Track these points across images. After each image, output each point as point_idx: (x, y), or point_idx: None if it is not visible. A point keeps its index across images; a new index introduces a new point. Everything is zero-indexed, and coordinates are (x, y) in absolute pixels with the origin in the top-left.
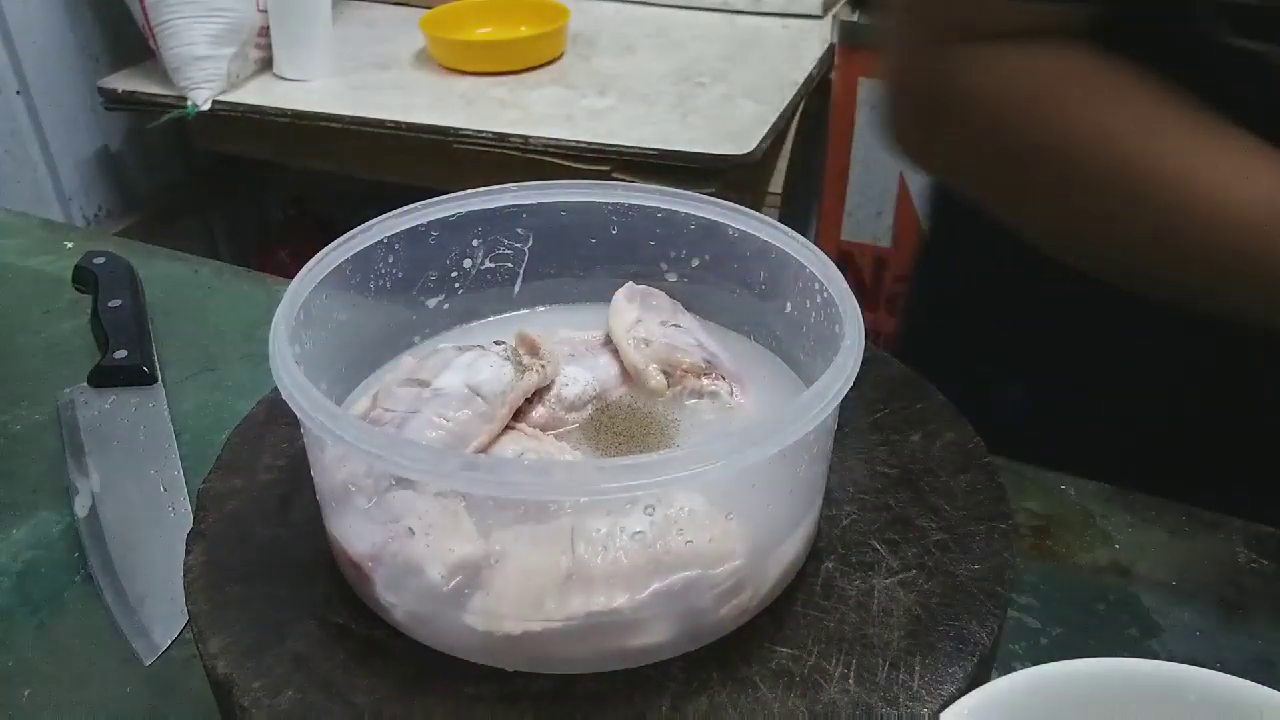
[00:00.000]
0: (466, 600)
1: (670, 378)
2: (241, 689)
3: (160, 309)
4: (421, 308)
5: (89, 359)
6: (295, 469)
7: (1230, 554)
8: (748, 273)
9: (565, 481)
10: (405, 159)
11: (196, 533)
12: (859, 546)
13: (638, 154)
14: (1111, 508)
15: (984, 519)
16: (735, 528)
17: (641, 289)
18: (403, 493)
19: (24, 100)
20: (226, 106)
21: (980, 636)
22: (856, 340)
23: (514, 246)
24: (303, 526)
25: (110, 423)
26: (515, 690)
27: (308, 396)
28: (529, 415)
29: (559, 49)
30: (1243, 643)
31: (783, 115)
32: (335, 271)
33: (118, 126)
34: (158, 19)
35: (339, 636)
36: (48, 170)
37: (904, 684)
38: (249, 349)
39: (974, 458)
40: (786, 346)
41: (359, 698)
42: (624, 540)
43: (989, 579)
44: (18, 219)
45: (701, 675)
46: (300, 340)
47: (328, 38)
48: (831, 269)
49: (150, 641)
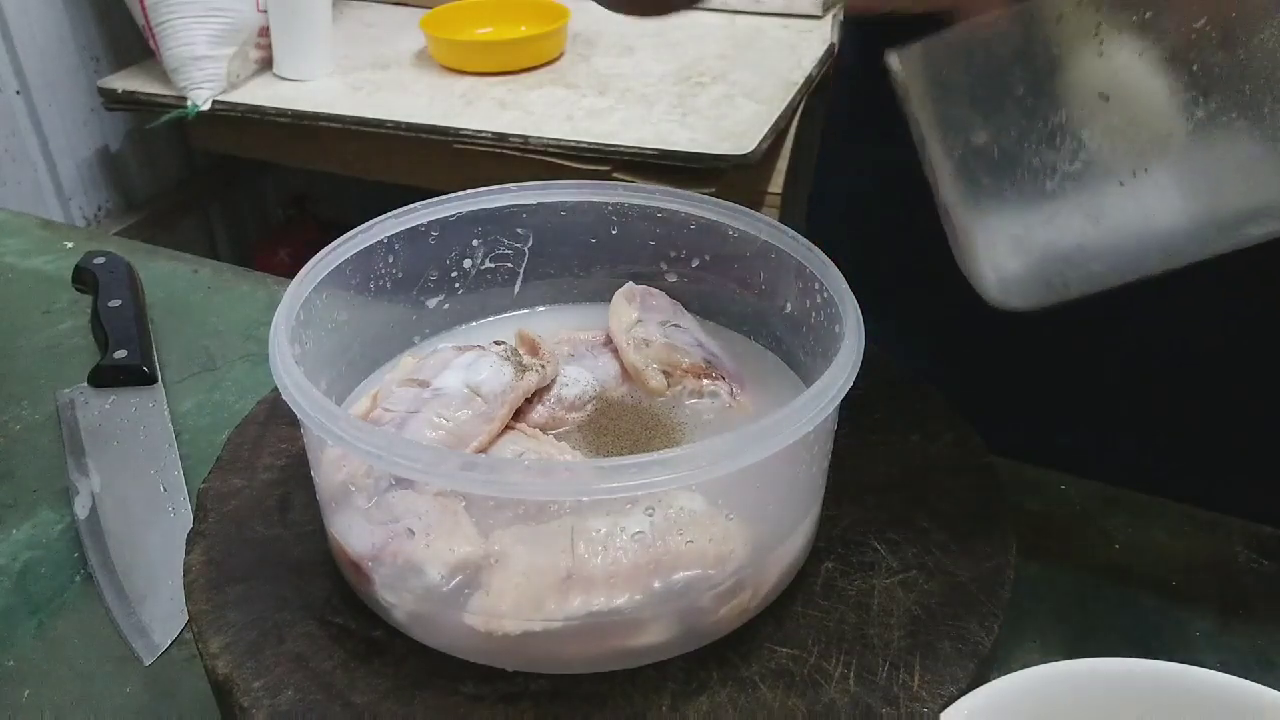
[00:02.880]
0: (466, 600)
1: (670, 378)
2: (241, 689)
3: (160, 309)
4: (421, 308)
5: (89, 359)
6: (295, 469)
7: (1230, 554)
8: (748, 273)
9: (565, 481)
10: (405, 159)
11: (196, 533)
12: (859, 546)
13: (638, 154)
14: (1111, 508)
15: (984, 519)
16: (735, 528)
17: (641, 289)
18: (403, 493)
19: (24, 100)
20: (226, 106)
21: (980, 636)
22: (856, 340)
23: (514, 246)
24: (303, 526)
25: (110, 423)
26: (515, 690)
27: (308, 396)
28: (529, 415)
29: (559, 49)
30: (1243, 643)
31: (783, 115)
32: (335, 271)
33: (118, 126)
34: (158, 19)
35: (339, 636)
36: (48, 170)
37: (904, 684)
38: (249, 349)
39: (974, 458)
40: (786, 346)
41: (359, 698)
42: (624, 540)
43: (989, 579)
44: (18, 219)
45: (701, 675)
46: (300, 340)
47: (328, 38)
48: (831, 269)
49: (150, 641)
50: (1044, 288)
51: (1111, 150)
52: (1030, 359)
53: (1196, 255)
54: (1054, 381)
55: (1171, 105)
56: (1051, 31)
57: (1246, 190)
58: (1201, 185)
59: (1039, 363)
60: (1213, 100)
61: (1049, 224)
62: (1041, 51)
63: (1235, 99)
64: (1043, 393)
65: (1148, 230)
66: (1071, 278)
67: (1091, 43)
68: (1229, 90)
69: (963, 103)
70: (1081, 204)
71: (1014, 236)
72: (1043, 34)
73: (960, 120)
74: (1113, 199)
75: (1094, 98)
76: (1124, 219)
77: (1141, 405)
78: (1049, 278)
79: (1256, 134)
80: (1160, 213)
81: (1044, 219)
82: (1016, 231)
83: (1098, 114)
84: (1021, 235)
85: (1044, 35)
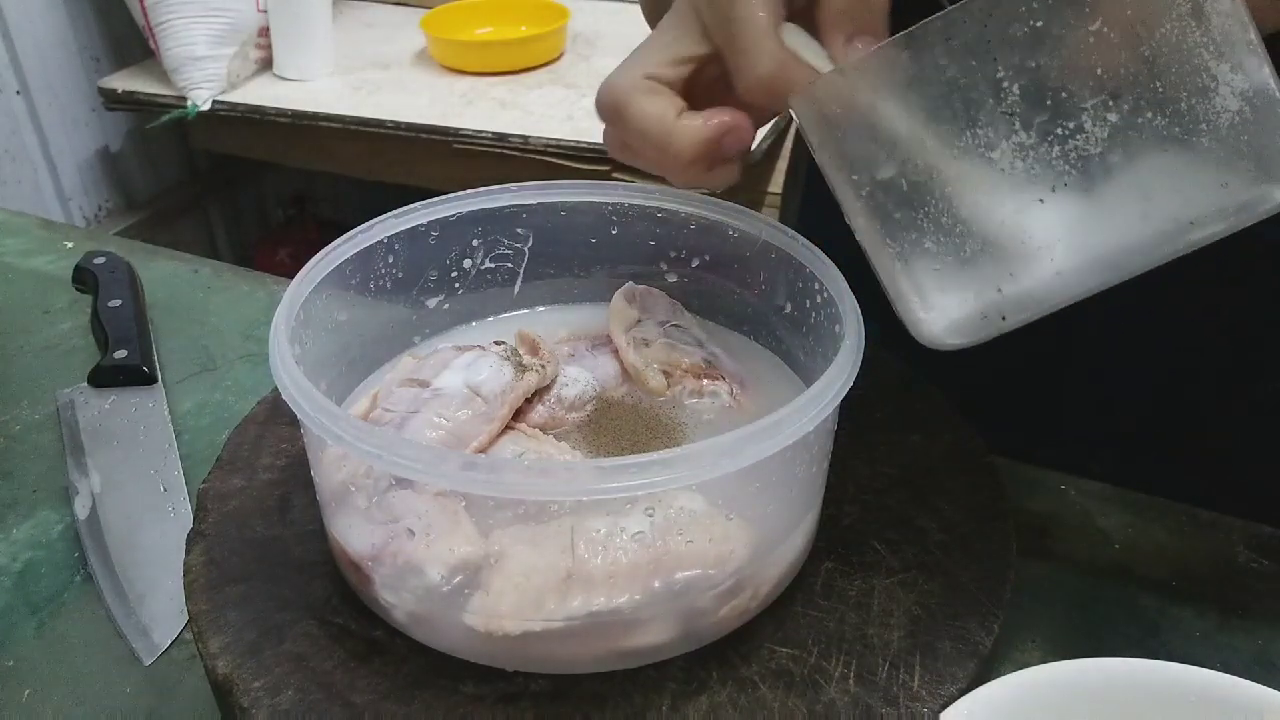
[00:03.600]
0: (466, 600)
1: (670, 378)
2: (241, 689)
3: (160, 309)
4: (421, 308)
5: (89, 359)
6: (295, 469)
7: (1230, 554)
8: (748, 273)
9: (565, 481)
10: (405, 159)
11: (196, 533)
12: (859, 546)
13: None
14: (1111, 508)
15: (984, 519)
16: (735, 528)
17: (641, 289)
18: (403, 493)
19: (24, 100)
20: (226, 106)
21: (980, 636)
22: (856, 340)
23: (514, 246)
24: (303, 526)
25: (110, 423)
26: (515, 690)
27: (308, 396)
28: (529, 415)
29: (559, 49)
30: (1243, 643)
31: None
32: (335, 271)
33: (118, 126)
34: (158, 19)
35: (339, 636)
36: (48, 170)
37: (904, 684)
38: (249, 349)
39: (974, 458)
40: (786, 346)
41: (359, 698)
42: (624, 540)
43: (989, 579)
44: (18, 219)
45: (701, 675)
46: (300, 340)
47: (328, 38)
48: (831, 269)
49: (150, 641)
50: (980, 322)
51: (1026, 167)
52: (1030, 358)
53: (1140, 267)
54: (1054, 381)
55: (1082, 113)
56: (944, 53)
57: (1180, 192)
58: (1131, 193)
59: (1039, 362)
60: (1124, 101)
61: (973, 253)
62: (935, 75)
63: (1148, 97)
64: (1042, 392)
65: (1082, 247)
66: (1007, 307)
67: (986, 60)
68: (1140, 89)
69: (863, 138)
70: (1004, 228)
71: (937, 272)
72: (935, 57)
73: (863, 156)
74: (1037, 218)
75: (999, 116)
76: (1052, 238)
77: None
78: (984, 310)
79: (1178, 130)
80: (1092, 227)
81: (966, 248)
82: (939, 266)
83: (1005, 132)
84: (946, 269)
85: (936, 58)
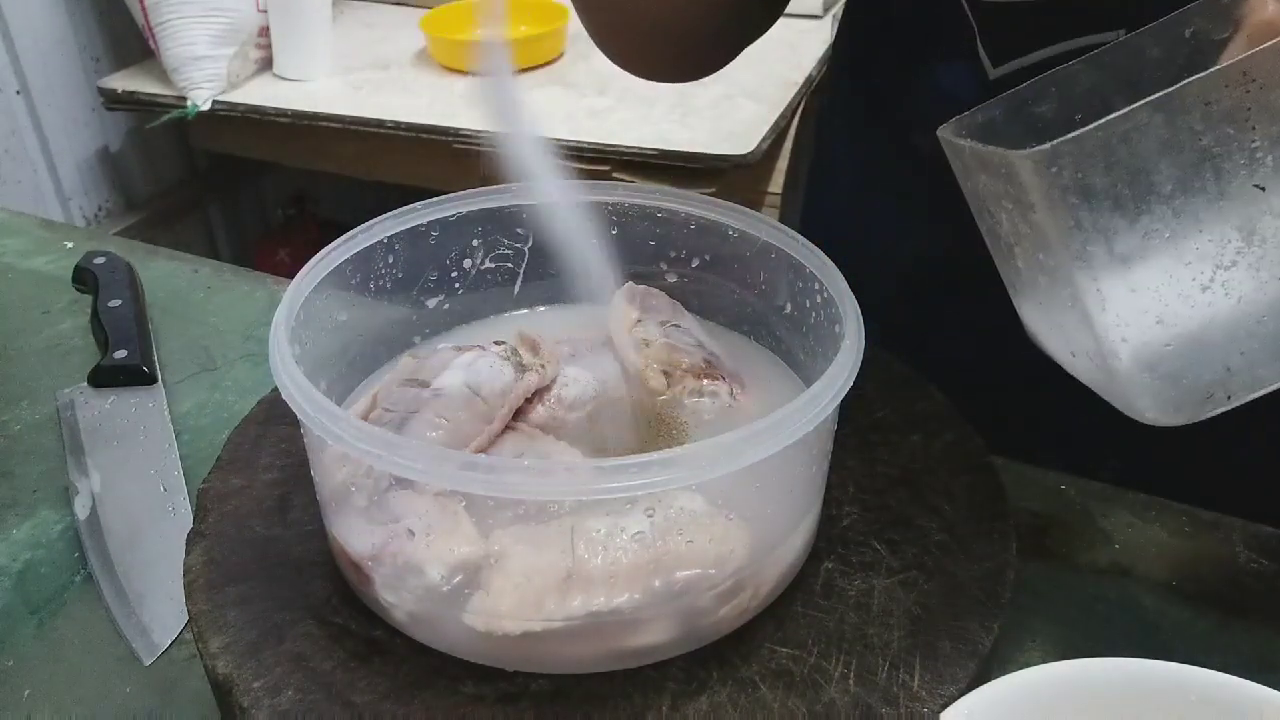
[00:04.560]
0: (466, 600)
1: (670, 378)
2: (241, 689)
3: (160, 309)
4: (421, 308)
5: (89, 359)
6: (295, 469)
7: (1230, 554)
8: (748, 273)
9: (565, 481)
10: (405, 159)
11: (196, 533)
12: (859, 546)
13: (637, 154)
14: (1111, 508)
15: (984, 519)
16: (735, 528)
17: (641, 289)
18: (403, 493)
19: (24, 100)
20: (226, 106)
21: (980, 636)
22: (856, 340)
23: (514, 246)
24: (303, 526)
25: (110, 423)
26: (515, 690)
27: (308, 396)
28: (529, 415)
29: (559, 49)
30: (1243, 643)
31: (783, 115)
32: (335, 271)
33: (118, 126)
34: (158, 19)
35: (339, 636)
36: (48, 170)
37: (904, 684)
38: (249, 349)
39: (974, 458)
40: (786, 346)
41: (359, 698)
42: (624, 540)
43: (989, 579)
44: (18, 219)
45: (701, 675)
46: (300, 340)
47: (328, 38)
48: (831, 269)
49: (150, 641)
50: (1202, 399)
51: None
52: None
53: None
54: (1054, 381)
55: None
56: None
57: None
58: None
59: (1039, 362)
60: None
61: (1207, 331)
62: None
63: None
64: (1043, 392)
65: None
66: (1234, 385)
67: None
68: None
69: (1105, 206)
70: (1243, 305)
71: (1165, 348)
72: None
73: (1102, 225)
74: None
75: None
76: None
77: None
78: (1209, 389)
79: None
80: None
81: (1201, 326)
82: (1168, 342)
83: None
84: (1175, 347)
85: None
